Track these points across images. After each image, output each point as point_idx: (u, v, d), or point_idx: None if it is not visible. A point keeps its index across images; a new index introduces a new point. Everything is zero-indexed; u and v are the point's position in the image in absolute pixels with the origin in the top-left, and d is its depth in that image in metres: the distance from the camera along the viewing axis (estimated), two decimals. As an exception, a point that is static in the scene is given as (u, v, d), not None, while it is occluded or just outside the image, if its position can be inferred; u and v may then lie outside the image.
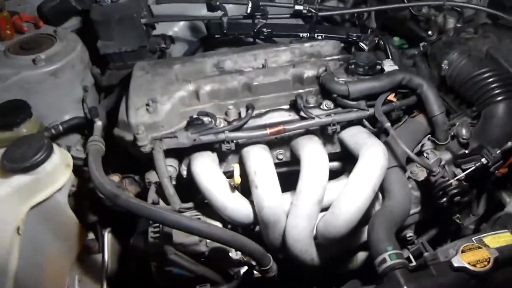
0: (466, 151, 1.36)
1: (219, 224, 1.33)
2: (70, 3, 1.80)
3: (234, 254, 1.31)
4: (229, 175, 1.33)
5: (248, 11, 1.64)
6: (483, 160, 1.28)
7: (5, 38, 1.66)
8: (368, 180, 1.22)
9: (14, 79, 1.50)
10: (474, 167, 1.29)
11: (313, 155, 1.28)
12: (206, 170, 1.29)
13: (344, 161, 1.48)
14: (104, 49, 1.71)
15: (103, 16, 1.69)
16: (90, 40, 1.74)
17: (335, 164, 1.47)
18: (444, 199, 1.32)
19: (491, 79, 1.36)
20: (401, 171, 1.33)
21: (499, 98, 1.34)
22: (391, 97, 1.42)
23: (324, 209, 1.30)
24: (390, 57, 1.54)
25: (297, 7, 1.66)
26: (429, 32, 1.71)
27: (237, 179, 1.22)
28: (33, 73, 1.51)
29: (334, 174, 1.43)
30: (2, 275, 1.11)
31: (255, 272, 1.33)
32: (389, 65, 1.46)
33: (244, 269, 1.35)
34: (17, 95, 1.47)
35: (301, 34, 1.64)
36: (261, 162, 1.28)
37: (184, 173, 1.38)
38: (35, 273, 1.26)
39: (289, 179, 1.33)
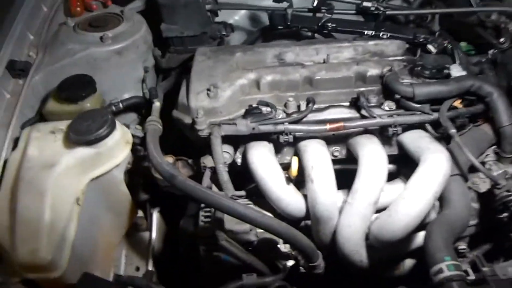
0: (534, 167, 1.29)
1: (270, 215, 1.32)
2: (138, -16, 1.83)
3: (283, 247, 1.31)
4: (283, 167, 1.33)
5: (315, 4, 1.62)
6: (553, 177, 1.22)
7: (75, 14, 1.71)
8: (430, 186, 1.18)
9: (82, 54, 1.54)
10: (541, 184, 1.23)
11: (373, 155, 1.25)
12: (263, 160, 1.29)
13: (399, 165, 1.44)
14: (167, 32, 1.74)
15: (168, 0, 1.71)
16: (153, 22, 1.77)
17: (390, 166, 1.43)
18: (505, 214, 1.26)
19: None
20: (463, 181, 1.29)
21: None
22: (457, 103, 1.37)
23: (376, 211, 1.28)
24: (458, 62, 1.48)
25: (365, 3, 1.62)
26: (501, 40, 1.63)
27: (295, 171, 1.21)
28: (100, 50, 1.55)
29: (388, 177, 1.39)
30: (61, 242, 1.15)
31: (301, 267, 1.32)
32: (456, 70, 1.41)
33: (291, 262, 1.34)
34: (83, 70, 1.51)
35: (366, 32, 1.60)
36: (319, 157, 1.26)
37: (239, 160, 1.38)
38: (89, 243, 1.30)
39: (342, 177, 1.31)
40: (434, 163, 1.20)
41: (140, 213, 1.56)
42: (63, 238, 1.16)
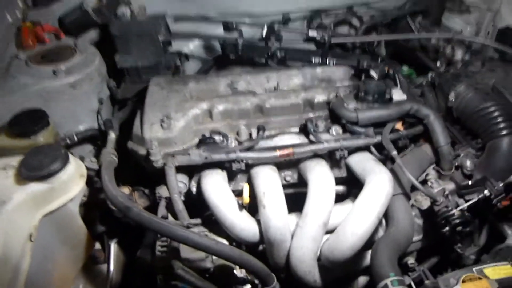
0: (470, 182, 1.39)
1: (225, 242, 1.35)
2: (91, 16, 1.85)
3: (239, 272, 1.34)
4: (237, 193, 1.37)
5: (264, 35, 1.69)
6: (486, 192, 1.31)
7: (27, 47, 1.71)
8: (373, 207, 1.25)
9: (34, 88, 1.55)
10: (477, 199, 1.32)
11: (321, 179, 1.31)
12: (216, 187, 1.32)
13: (349, 186, 1.51)
14: (121, 63, 1.76)
15: (122, 31, 1.75)
16: (107, 53, 1.79)
17: (341, 188, 1.51)
18: (447, 228, 1.34)
19: (496, 113, 1.40)
20: (406, 199, 1.37)
21: (504, 132, 1.37)
22: (399, 125, 1.46)
23: (328, 232, 1.33)
24: (399, 86, 1.58)
25: (310, 33, 1.72)
26: (438, 63, 1.76)
27: (246, 198, 1.26)
28: (53, 83, 1.56)
29: (339, 198, 1.46)
30: (13, 279, 1.13)
31: (258, 291, 1.35)
32: (397, 94, 1.51)
33: (247, 287, 1.37)
34: (36, 103, 1.51)
35: (313, 59, 1.69)
36: (270, 183, 1.31)
37: (194, 189, 1.41)
38: (43, 279, 1.28)
39: (295, 200, 1.37)
40: (377, 185, 1.28)
41: (98, 246, 1.55)
42: (15, 274, 1.15)
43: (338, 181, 1.46)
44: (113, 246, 1.52)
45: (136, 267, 1.38)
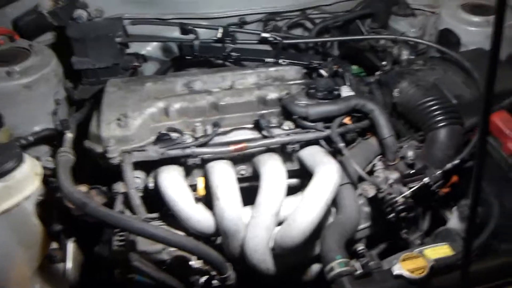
0: (412, 171, 1.48)
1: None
2: (47, 19, 1.85)
3: (195, 263, 1.38)
4: (194, 188, 1.41)
5: (219, 36, 1.75)
6: (426, 179, 1.41)
7: (-20, 49, 1.70)
8: (321, 195, 1.32)
9: (-13, 89, 1.53)
10: (418, 186, 1.41)
11: (272, 171, 1.38)
12: (172, 182, 1.36)
13: (302, 179, 1.58)
14: (78, 65, 1.77)
15: (79, 34, 1.76)
16: (64, 55, 1.80)
17: (294, 181, 1.57)
18: (392, 215, 1.43)
19: (435, 107, 1.51)
20: (353, 188, 1.45)
21: (441, 124, 1.48)
22: (347, 120, 1.55)
23: (282, 222, 1.40)
24: (348, 84, 1.67)
25: (263, 34, 1.79)
26: (384, 62, 1.86)
27: (201, 190, 1.30)
28: (7, 84, 1.55)
29: (293, 190, 1.53)
30: (-34, 278, 1.13)
31: (214, 281, 1.39)
32: (346, 91, 1.60)
33: (204, 278, 1.41)
34: (-10, 105, 1.51)
35: (266, 59, 1.76)
36: (223, 176, 1.37)
37: (151, 185, 1.44)
38: (-1, 278, 1.28)
39: (250, 194, 1.42)
40: (325, 174, 1.35)
41: (55, 245, 1.55)
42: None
43: (291, 174, 1.52)
44: (71, 245, 1.52)
45: (94, 263, 1.39)
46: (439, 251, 1.26)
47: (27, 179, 1.33)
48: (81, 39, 1.76)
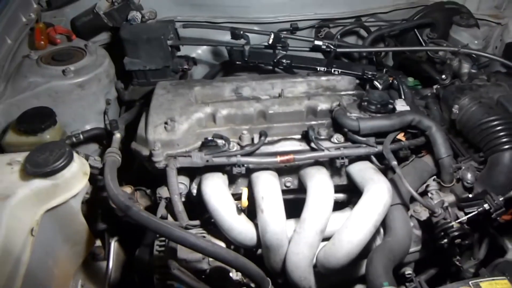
0: (470, 195, 1.38)
1: (222, 244, 1.37)
2: (103, 19, 1.90)
3: (235, 275, 1.35)
4: (237, 197, 1.38)
5: (270, 42, 1.71)
6: (485, 205, 1.30)
7: (39, 48, 1.76)
8: (370, 216, 1.25)
9: (44, 87, 1.58)
10: (476, 212, 1.31)
11: (320, 186, 1.32)
12: (216, 191, 1.34)
13: (350, 194, 1.52)
14: (129, 66, 1.80)
15: (132, 35, 1.79)
16: (117, 56, 1.83)
17: (341, 195, 1.51)
18: (445, 240, 1.34)
19: (499, 127, 1.40)
20: (404, 209, 1.37)
21: (506, 146, 1.37)
22: (401, 136, 1.47)
23: (326, 238, 1.34)
24: (403, 97, 1.58)
25: (316, 42, 1.73)
26: (443, 76, 1.76)
27: (245, 202, 1.27)
28: (62, 83, 1.60)
29: (339, 205, 1.47)
30: (13, 273, 1.16)
31: (254, 294, 1.36)
32: (401, 105, 1.51)
33: (244, 290, 1.39)
34: (45, 102, 1.55)
35: (318, 68, 1.70)
36: (269, 188, 1.33)
37: (194, 191, 1.43)
38: (42, 274, 1.30)
39: (295, 206, 1.38)
40: (375, 194, 1.28)
41: (98, 243, 1.57)
42: (15, 267, 1.17)
43: (338, 189, 1.47)
44: (114, 244, 1.54)
45: (135, 266, 1.40)
46: (498, 285, 1.16)
47: (75, 178, 1.35)
48: (133, 40, 1.78)
